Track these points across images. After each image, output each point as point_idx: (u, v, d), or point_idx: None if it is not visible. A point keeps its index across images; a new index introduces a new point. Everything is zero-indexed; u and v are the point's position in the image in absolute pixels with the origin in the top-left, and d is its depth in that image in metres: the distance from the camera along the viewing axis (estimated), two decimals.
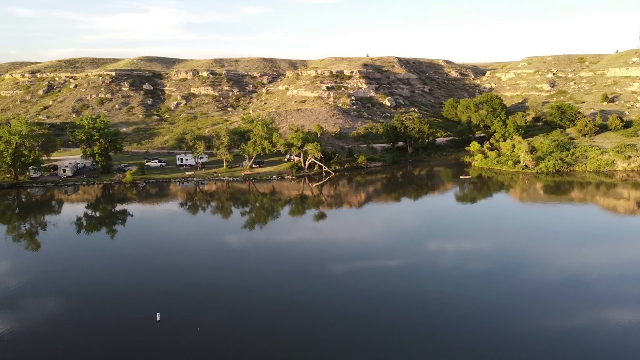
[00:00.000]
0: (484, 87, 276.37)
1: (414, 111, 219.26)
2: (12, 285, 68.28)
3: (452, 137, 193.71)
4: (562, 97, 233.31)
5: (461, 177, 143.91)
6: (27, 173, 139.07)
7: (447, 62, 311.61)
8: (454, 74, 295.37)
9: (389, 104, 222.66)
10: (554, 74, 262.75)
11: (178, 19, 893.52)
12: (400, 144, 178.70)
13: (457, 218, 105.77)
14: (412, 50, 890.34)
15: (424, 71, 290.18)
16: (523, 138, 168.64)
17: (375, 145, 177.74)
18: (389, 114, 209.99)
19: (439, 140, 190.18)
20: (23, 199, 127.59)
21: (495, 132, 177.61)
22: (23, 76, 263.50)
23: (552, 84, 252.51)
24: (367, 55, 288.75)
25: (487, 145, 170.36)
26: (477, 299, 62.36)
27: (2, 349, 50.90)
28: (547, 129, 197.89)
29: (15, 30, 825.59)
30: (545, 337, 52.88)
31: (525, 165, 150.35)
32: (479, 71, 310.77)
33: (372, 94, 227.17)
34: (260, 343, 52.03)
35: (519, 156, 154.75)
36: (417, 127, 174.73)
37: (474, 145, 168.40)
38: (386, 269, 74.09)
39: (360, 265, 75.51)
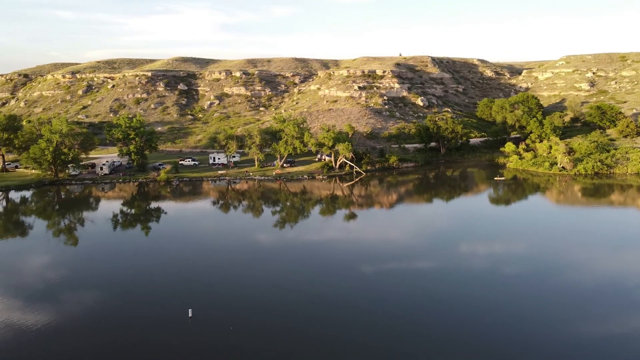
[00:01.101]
0: (520, 87, 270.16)
1: (447, 111, 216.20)
2: (52, 279, 70.60)
3: (486, 138, 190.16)
4: (602, 97, 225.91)
5: (495, 178, 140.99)
6: (67, 170, 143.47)
7: (482, 61, 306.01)
8: (488, 73, 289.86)
9: (421, 103, 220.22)
10: (593, 73, 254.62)
11: (211, 19, 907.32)
12: (432, 144, 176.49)
13: (491, 220, 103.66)
14: (446, 49, 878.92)
15: (458, 70, 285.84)
16: (560, 139, 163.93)
17: (407, 146, 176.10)
18: (421, 114, 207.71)
19: (472, 140, 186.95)
20: (63, 196, 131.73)
21: (531, 132, 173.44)
22: (64, 77, 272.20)
23: (592, 84, 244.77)
24: (400, 55, 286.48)
25: (522, 146, 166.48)
26: (510, 303, 60.89)
27: (43, 341, 52.63)
28: (586, 129, 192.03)
29: (56, 32, 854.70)
30: (580, 345, 51.22)
31: (563, 167, 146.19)
32: (515, 70, 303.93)
33: (405, 93, 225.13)
34: (290, 343, 52.14)
35: (556, 158, 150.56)
36: (451, 127, 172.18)
37: (509, 146, 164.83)
38: (417, 271, 73.20)
39: (390, 267, 74.83)
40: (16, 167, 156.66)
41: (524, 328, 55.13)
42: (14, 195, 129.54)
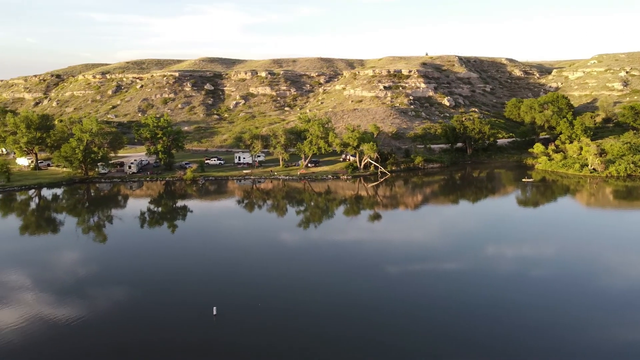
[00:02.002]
0: (550, 87, 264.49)
1: (474, 111, 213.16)
2: (82, 275, 72.20)
3: (514, 139, 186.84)
4: (635, 97, 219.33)
5: (523, 180, 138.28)
6: (96, 169, 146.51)
7: (510, 60, 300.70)
8: (517, 72, 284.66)
9: (448, 103, 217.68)
10: (627, 72, 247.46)
11: (238, 20, 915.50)
12: (459, 144, 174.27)
13: (518, 223, 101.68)
14: (473, 49, 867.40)
15: (486, 70, 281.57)
16: (591, 140, 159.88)
17: (433, 146, 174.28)
18: (447, 114, 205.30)
19: (500, 141, 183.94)
20: (92, 193, 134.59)
21: (561, 133, 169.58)
22: (94, 77, 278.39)
23: (625, 83, 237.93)
24: (426, 54, 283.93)
25: (552, 147, 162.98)
26: (538, 306, 59.54)
27: (72, 335, 53.79)
28: (618, 130, 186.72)
29: (88, 33, 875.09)
30: (611, 350, 49.68)
31: (594, 169, 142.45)
32: (545, 70, 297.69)
33: (431, 93, 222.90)
34: (312, 342, 52.04)
35: (586, 159, 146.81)
36: (477, 127, 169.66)
37: (537, 147, 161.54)
38: (442, 273, 72.23)
39: (415, 268, 74.07)
40: (48, 165, 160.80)
41: (552, 333, 53.81)
42: (46, 193, 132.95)
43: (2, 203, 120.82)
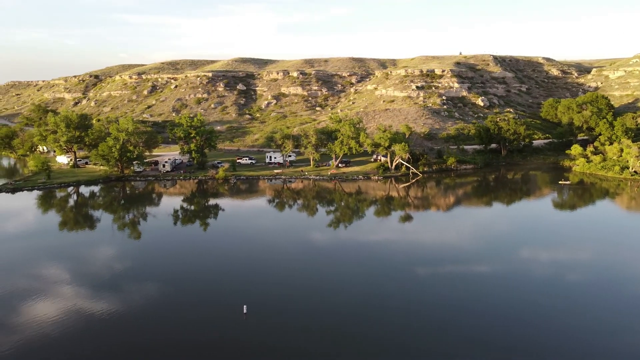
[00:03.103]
0: (589, 86, 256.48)
1: (509, 111, 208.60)
2: (117, 270, 74.02)
3: (550, 140, 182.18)
4: None
5: (560, 182, 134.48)
6: (132, 167, 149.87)
7: (548, 59, 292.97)
8: (554, 72, 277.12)
9: (482, 103, 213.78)
10: None
11: (271, 20, 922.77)
12: (493, 145, 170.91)
13: (554, 226, 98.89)
14: (509, 48, 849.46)
15: (522, 69, 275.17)
16: (633, 142, 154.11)
17: (466, 147, 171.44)
18: (481, 115, 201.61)
19: (536, 142, 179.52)
20: (127, 191, 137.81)
21: (600, 134, 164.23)
22: (130, 77, 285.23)
23: None
24: (460, 54, 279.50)
25: (590, 148, 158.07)
26: (572, 311, 57.83)
27: (107, 329, 55.13)
28: None
29: (125, 34, 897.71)
30: None
31: (635, 172, 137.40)
32: (584, 69, 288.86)
33: (464, 93, 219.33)
34: (341, 342, 51.82)
35: (627, 161, 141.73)
36: (512, 128, 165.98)
37: (575, 149, 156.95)
38: (473, 275, 70.87)
39: (446, 270, 72.93)
40: (86, 163, 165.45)
41: (586, 339, 52.11)
42: (84, 190, 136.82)
43: (43, 199, 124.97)
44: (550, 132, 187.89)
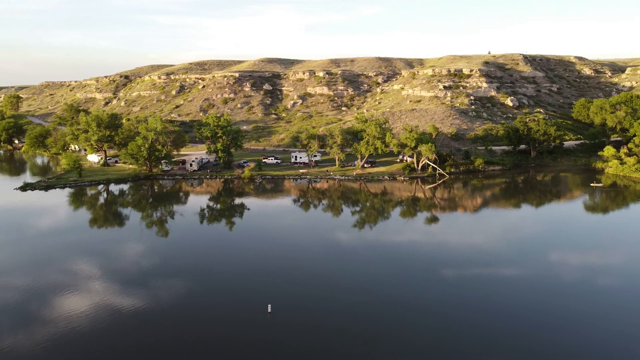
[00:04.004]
0: (623, 86, 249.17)
1: (539, 112, 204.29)
2: (145, 266, 75.31)
3: (582, 141, 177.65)
4: None
5: (592, 184, 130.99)
6: (160, 166, 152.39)
7: (580, 58, 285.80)
8: (587, 71, 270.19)
9: (511, 104, 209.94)
10: None
11: (298, 20, 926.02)
12: (522, 146, 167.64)
13: (586, 229, 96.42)
14: (539, 47, 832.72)
15: (552, 69, 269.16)
16: None
17: (494, 148, 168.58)
18: (510, 115, 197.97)
19: (567, 143, 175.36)
20: (156, 190, 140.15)
21: (635, 135, 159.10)
22: (159, 78, 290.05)
23: None
24: (489, 53, 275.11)
25: (624, 150, 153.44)
26: (605, 316, 56.07)
27: (135, 323, 56.17)
28: None
29: (154, 35, 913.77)
30: None
31: None
32: (618, 68, 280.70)
33: (493, 93, 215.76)
34: (365, 344, 51.49)
35: None
36: (542, 129, 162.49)
37: (608, 150, 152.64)
38: (500, 278, 69.60)
39: (472, 272, 71.79)
40: (116, 162, 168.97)
41: (618, 345, 50.46)
42: (113, 188, 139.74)
43: (74, 197, 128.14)
44: (582, 133, 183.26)
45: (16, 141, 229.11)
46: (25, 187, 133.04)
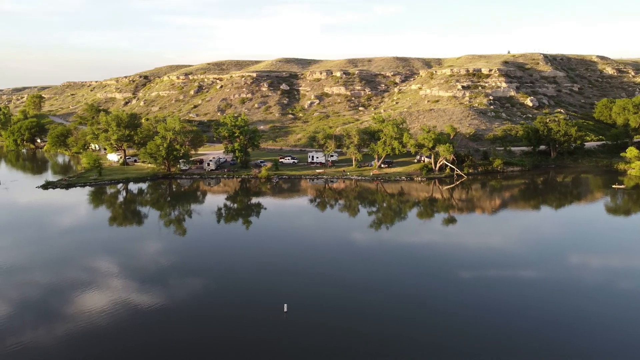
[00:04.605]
0: None
1: (560, 112, 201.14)
2: (163, 264, 76.04)
3: (604, 142, 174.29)
4: None
5: (614, 186, 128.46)
6: (178, 165, 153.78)
7: (602, 58, 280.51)
8: (609, 71, 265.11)
9: (530, 104, 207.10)
10: None
11: (315, 20, 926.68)
12: (542, 147, 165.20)
13: (607, 231, 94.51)
14: (560, 47, 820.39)
15: (574, 68, 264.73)
16: None
17: (513, 149, 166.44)
18: (530, 115, 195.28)
19: (588, 144, 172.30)
20: (174, 188, 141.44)
21: None
22: (178, 78, 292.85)
23: None
24: (508, 53, 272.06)
25: None
26: (625, 320, 54.87)
27: (153, 320, 56.74)
28: None
29: (173, 36, 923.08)
30: None
31: None
32: None
33: (512, 93, 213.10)
34: (382, 344, 51.20)
35: None
36: (563, 129, 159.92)
37: (631, 151, 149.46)
38: (518, 280, 68.57)
39: (489, 274, 70.96)
40: (135, 161, 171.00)
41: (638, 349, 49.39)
42: (132, 187, 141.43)
43: (94, 195, 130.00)
44: (604, 134, 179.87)
45: (38, 140, 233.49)
46: (47, 186, 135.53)
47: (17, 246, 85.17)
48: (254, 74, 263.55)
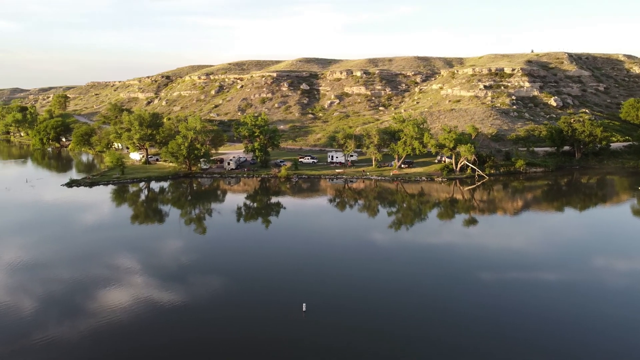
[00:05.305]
0: None
1: (585, 112, 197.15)
2: (184, 263, 76.79)
3: (630, 142, 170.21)
4: None
5: None
6: (199, 164, 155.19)
7: (629, 56, 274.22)
8: (636, 70, 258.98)
9: (554, 104, 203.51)
10: None
11: (336, 20, 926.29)
12: (566, 148, 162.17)
13: (632, 234, 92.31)
14: (585, 45, 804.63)
15: (599, 68, 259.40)
16: None
17: (536, 149, 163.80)
18: (554, 115, 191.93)
19: (614, 145, 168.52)
20: (194, 187, 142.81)
21: None
22: (199, 78, 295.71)
23: None
24: (532, 52, 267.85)
25: None
26: None
27: (175, 317, 57.30)
28: None
29: (195, 37, 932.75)
30: None
31: None
32: None
33: (536, 93, 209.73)
34: (400, 346, 50.82)
35: None
36: (588, 129, 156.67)
37: None
38: (540, 282, 67.30)
39: (511, 276, 69.84)
40: (157, 160, 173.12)
41: None
42: (154, 186, 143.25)
43: (117, 193, 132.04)
44: (631, 135, 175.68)
45: (63, 139, 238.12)
46: (71, 184, 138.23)
47: (42, 243, 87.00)
48: (274, 74, 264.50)
